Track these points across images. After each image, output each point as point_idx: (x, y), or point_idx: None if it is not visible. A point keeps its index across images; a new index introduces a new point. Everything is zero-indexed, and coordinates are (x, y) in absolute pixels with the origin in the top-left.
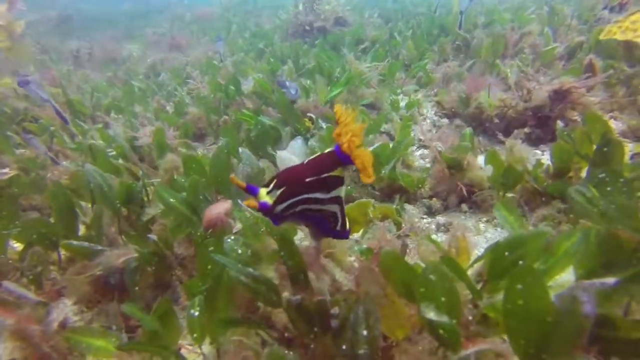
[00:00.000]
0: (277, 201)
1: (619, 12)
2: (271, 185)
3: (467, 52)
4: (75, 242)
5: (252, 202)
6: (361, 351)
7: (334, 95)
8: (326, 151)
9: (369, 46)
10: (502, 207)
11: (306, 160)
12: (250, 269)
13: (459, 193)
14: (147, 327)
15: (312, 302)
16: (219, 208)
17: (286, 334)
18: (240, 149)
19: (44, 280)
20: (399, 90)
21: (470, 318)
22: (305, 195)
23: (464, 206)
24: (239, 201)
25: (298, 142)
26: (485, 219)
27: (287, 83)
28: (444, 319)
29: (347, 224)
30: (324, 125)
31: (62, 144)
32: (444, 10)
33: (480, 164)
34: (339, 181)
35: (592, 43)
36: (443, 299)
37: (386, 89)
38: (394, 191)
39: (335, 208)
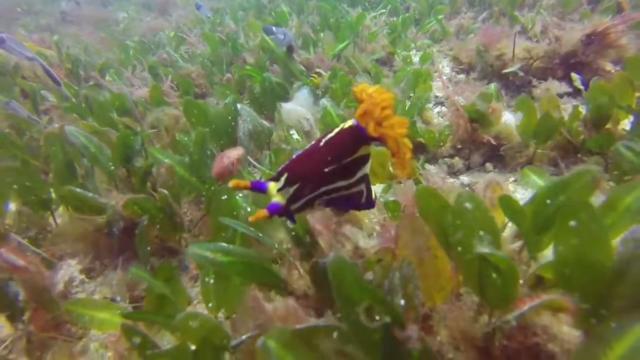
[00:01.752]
0: (291, 200)
1: None
2: (282, 180)
3: (482, 2)
4: (77, 189)
5: (260, 213)
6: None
7: (341, 49)
8: (346, 125)
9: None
10: (530, 172)
11: (323, 140)
12: (260, 234)
13: (484, 150)
14: (156, 292)
15: None
16: (230, 155)
17: (306, 303)
18: (239, 105)
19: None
20: (412, 45)
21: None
22: (325, 188)
23: (489, 165)
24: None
25: (304, 93)
26: (513, 178)
27: (274, 29)
28: (500, 253)
29: (373, 193)
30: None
31: (57, 103)
32: None
33: (507, 119)
34: (364, 160)
35: None
36: (481, 232)
37: (398, 44)
38: (413, 150)
39: (361, 187)
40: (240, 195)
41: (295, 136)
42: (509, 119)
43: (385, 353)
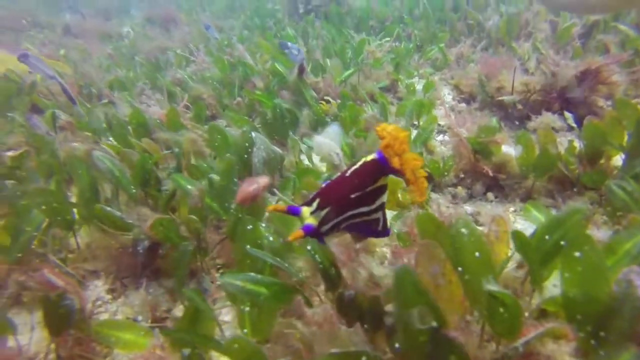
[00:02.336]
0: (323, 222)
1: None
2: (314, 205)
3: (480, 31)
4: (108, 207)
5: (297, 233)
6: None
7: (347, 76)
8: (369, 159)
9: (377, 25)
10: (531, 207)
11: (349, 171)
12: (286, 263)
13: (485, 180)
14: (195, 314)
15: (365, 297)
16: (257, 183)
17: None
18: (253, 134)
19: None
20: (415, 73)
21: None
22: (351, 213)
23: (490, 195)
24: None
25: (334, 128)
26: (513, 208)
27: (289, 44)
28: (506, 292)
29: (388, 222)
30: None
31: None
32: None
33: (506, 151)
34: (383, 190)
35: (608, 23)
36: (477, 253)
37: (402, 72)
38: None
39: (378, 214)
40: (263, 225)
41: (306, 162)
42: (508, 150)
43: (428, 352)
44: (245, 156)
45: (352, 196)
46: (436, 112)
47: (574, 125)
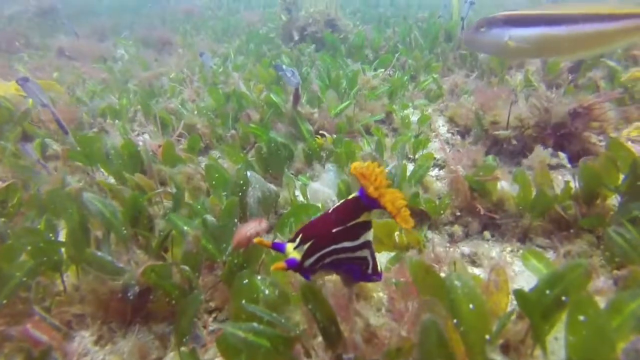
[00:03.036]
0: (305, 256)
1: None
2: (297, 240)
3: (472, 61)
4: (98, 252)
5: (279, 264)
6: None
7: (343, 108)
8: (350, 197)
9: (372, 53)
10: (530, 256)
11: (331, 209)
12: (282, 319)
13: (482, 218)
14: None
15: None
16: (253, 227)
17: None
18: (249, 173)
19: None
20: (409, 105)
21: None
22: (334, 247)
23: (487, 233)
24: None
25: (330, 175)
26: (510, 248)
27: (284, 67)
28: None
29: (379, 266)
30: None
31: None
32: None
33: (502, 187)
34: (366, 226)
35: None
36: (471, 305)
37: (396, 103)
38: (412, 216)
39: (365, 253)
40: (260, 277)
41: (301, 198)
42: (504, 186)
43: None
44: (240, 194)
45: (334, 230)
46: (432, 145)
47: (568, 165)
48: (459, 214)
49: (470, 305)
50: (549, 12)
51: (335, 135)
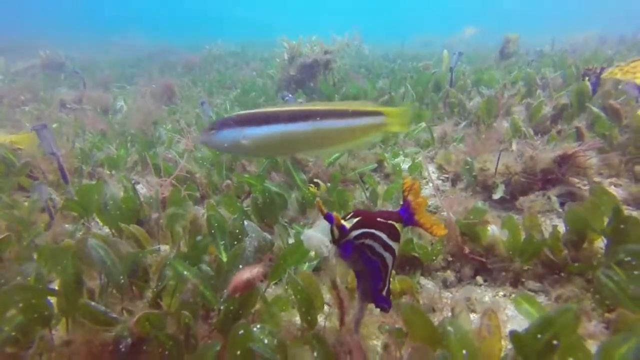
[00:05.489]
0: (353, 227)
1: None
2: (348, 217)
3: (461, 110)
4: (92, 303)
5: (322, 209)
6: None
7: (336, 157)
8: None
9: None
10: (522, 300)
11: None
12: None
13: (474, 264)
14: None
15: None
16: (250, 272)
17: None
18: (245, 222)
19: None
20: (400, 152)
21: None
22: (374, 231)
23: (479, 278)
24: None
25: (324, 222)
26: (502, 292)
27: (290, 96)
28: None
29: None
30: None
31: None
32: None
33: (493, 231)
34: (398, 235)
35: (574, 107)
36: (464, 352)
37: (387, 152)
38: (405, 263)
39: (389, 260)
40: (257, 327)
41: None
42: (494, 231)
43: None
44: (235, 243)
45: (378, 219)
46: (423, 192)
47: (560, 209)
48: (450, 259)
49: (464, 351)
50: (285, 109)
51: (329, 184)
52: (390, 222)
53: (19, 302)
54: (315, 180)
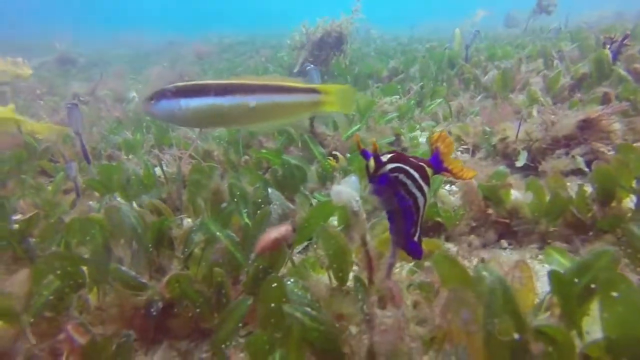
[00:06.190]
0: (389, 160)
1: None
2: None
3: (476, 86)
4: (123, 268)
5: (375, 146)
6: None
7: (354, 131)
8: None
9: (375, 83)
10: (553, 251)
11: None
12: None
13: (498, 227)
14: None
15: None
16: (279, 232)
17: None
18: (269, 190)
19: None
20: (417, 126)
21: None
22: (408, 168)
23: (504, 242)
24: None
25: (353, 179)
26: (528, 255)
27: (312, 66)
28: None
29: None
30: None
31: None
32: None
33: (516, 197)
34: (429, 179)
35: (594, 76)
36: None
37: (404, 127)
38: (429, 229)
39: (421, 202)
40: (291, 281)
41: None
42: (517, 196)
43: None
44: (258, 212)
45: (410, 159)
46: None
47: (586, 169)
48: (474, 224)
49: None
50: (223, 82)
51: (348, 155)
52: (421, 163)
53: (57, 269)
54: (334, 152)
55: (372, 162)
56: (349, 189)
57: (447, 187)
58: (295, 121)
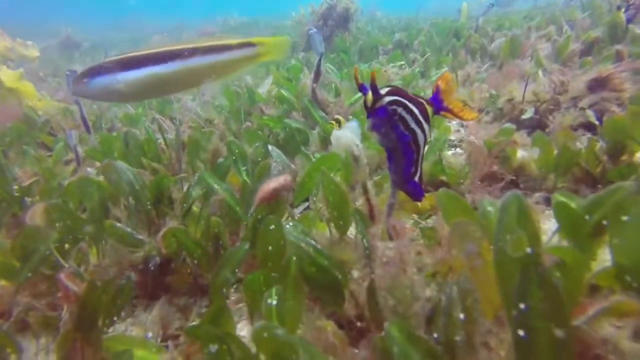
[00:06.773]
0: (387, 93)
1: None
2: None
3: (483, 55)
4: (118, 224)
5: (374, 77)
6: (458, 337)
7: (357, 98)
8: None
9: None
10: (560, 196)
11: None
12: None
13: (503, 185)
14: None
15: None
16: (277, 181)
17: (358, 324)
18: (270, 147)
19: None
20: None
21: None
22: (407, 102)
23: None
24: None
25: (353, 124)
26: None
27: (314, 30)
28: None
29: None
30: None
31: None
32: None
33: (522, 156)
34: (429, 117)
35: (606, 40)
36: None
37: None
38: (433, 187)
39: (421, 138)
40: (290, 224)
41: None
42: (523, 155)
43: None
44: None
45: (409, 94)
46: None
47: (596, 122)
48: (479, 183)
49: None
50: (160, 50)
51: (350, 117)
52: (419, 99)
53: (56, 221)
54: (336, 116)
55: (369, 96)
56: (349, 134)
57: (452, 151)
58: (238, 75)
